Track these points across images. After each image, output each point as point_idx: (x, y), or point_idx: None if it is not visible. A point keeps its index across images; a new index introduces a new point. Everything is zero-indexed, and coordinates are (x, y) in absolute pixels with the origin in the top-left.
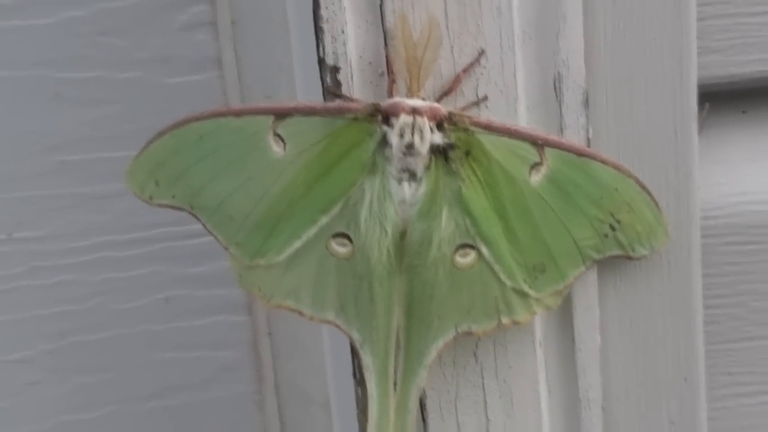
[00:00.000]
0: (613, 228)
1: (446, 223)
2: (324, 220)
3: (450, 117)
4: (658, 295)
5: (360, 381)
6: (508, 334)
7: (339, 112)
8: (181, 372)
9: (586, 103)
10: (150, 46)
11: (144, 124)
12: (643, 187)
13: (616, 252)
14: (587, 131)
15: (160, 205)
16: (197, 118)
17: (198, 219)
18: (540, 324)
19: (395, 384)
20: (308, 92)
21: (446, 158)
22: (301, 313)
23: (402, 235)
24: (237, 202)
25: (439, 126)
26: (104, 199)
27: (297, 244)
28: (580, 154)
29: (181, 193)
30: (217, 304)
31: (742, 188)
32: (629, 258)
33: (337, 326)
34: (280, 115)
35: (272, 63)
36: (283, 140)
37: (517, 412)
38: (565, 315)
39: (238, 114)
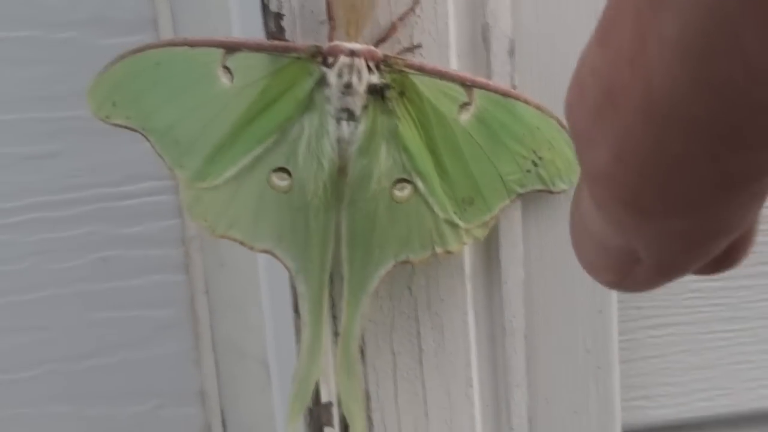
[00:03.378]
0: (535, 164)
1: (385, 158)
2: (258, 150)
3: (386, 59)
4: None
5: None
6: (439, 269)
7: (284, 51)
8: (118, 331)
9: (512, 51)
10: (85, 7)
11: (78, 85)
12: (564, 127)
13: (538, 186)
14: (512, 78)
15: (115, 125)
16: (155, 46)
17: (148, 140)
18: (469, 259)
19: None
20: None
21: (383, 98)
22: (242, 243)
23: (339, 172)
24: (184, 127)
25: (376, 68)
26: (38, 160)
27: (233, 170)
28: (505, 95)
29: (135, 115)
30: (154, 264)
31: None
32: (550, 192)
33: (275, 255)
34: (230, 49)
35: (208, 27)
36: (231, 73)
37: (447, 341)
38: (492, 251)
39: (192, 45)
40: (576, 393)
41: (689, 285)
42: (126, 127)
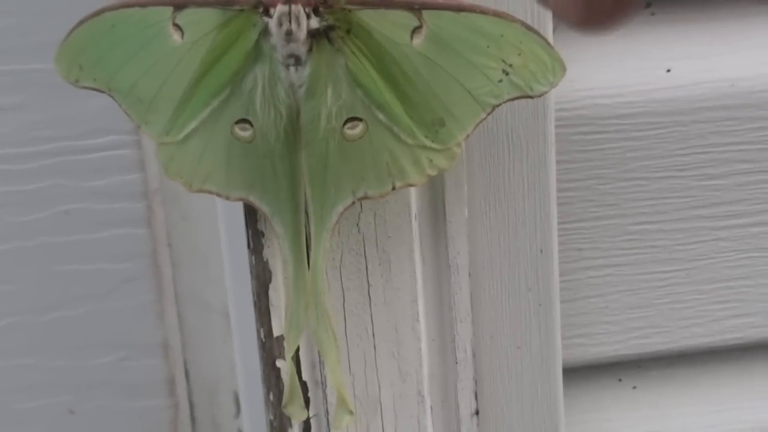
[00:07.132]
0: (506, 72)
1: (332, 99)
2: (215, 102)
3: (325, 1)
4: (519, 177)
5: (254, 250)
6: (387, 208)
7: (228, 4)
8: (81, 284)
9: None
10: None
11: (41, 38)
12: (530, 28)
13: (515, 94)
14: None
15: (84, 88)
16: (110, 9)
17: (115, 100)
18: (415, 198)
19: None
20: None
21: (329, 39)
22: (218, 194)
23: (297, 115)
24: (144, 85)
25: (316, 11)
26: (2, 113)
27: (193, 123)
28: (458, 10)
29: (100, 77)
30: (117, 217)
31: (592, 84)
32: (530, 98)
33: (250, 202)
34: (178, 6)
35: None
36: (181, 29)
37: (394, 277)
38: (437, 191)
39: (143, 5)
40: (518, 329)
41: (628, 228)
42: (95, 89)
